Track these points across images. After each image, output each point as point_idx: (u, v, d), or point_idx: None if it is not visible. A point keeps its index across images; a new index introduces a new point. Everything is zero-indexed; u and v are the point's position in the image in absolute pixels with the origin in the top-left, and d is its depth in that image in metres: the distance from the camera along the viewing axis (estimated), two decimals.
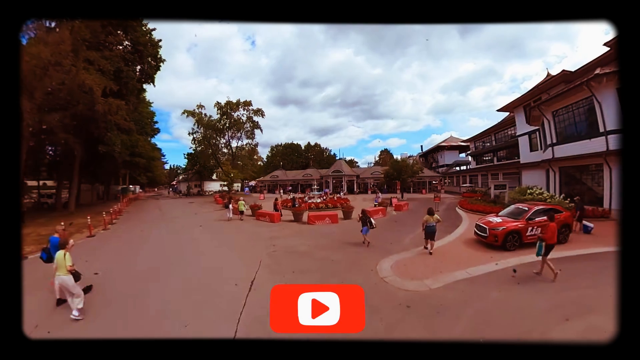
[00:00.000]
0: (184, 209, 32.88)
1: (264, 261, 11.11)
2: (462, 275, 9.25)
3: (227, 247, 13.97)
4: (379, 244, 13.41)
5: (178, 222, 22.05)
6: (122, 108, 28.45)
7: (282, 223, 19.85)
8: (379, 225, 17.55)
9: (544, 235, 8.64)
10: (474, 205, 23.68)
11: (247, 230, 18.20)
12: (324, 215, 19.01)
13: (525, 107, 36.59)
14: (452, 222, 19.05)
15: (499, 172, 39.38)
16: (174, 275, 9.75)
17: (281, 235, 15.85)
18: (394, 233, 15.90)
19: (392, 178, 40.14)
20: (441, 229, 15.35)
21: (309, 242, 13.89)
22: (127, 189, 58.36)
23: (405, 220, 19.58)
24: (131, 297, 7.88)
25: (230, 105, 50.72)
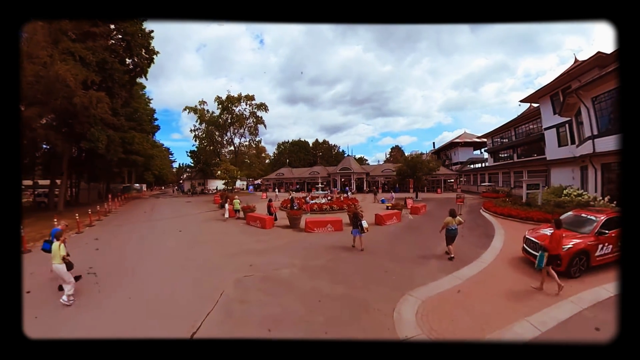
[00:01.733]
0: (178, 209, 29.80)
1: (227, 293, 7.57)
2: (527, 329, 5.74)
3: (192, 263, 10.32)
4: (395, 265, 9.58)
5: (159, 225, 18.90)
6: (103, 101, 25.09)
7: (275, 229, 16.20)
8: (394, 236, 13.81)
9: (548, 244, 7.33)
10: (503, 209, 19.58)
11: (230, 238, 14.63)
12: (325, 221, 15.27)
13: (553, 97, 32.38)
14: (483, 230, 15.08)
15: (523, 169, 35.02)
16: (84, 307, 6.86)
17: (267, 248, 12.16)
18: (413, 247, 11.97)
19: (405, 176, 35.71)
20: (472, 242, 12.63)
21: (299, 261, 10.12)
22: (130, 187, 55.88)
23: (425, 227, 15.64)
24: None
25: (231, 99, 47.15)
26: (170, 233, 16.04)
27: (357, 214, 11.66)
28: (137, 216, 24.09)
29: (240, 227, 17.53)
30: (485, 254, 10.86)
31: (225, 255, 11.40)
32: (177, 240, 14.30)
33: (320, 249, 11.64)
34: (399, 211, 18.75)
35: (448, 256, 10.21)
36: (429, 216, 19.57)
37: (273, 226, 16.60)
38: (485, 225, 16.67)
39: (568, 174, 27.53)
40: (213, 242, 13.78)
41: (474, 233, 14.41)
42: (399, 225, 16.81)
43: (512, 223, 16.99)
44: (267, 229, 16.11)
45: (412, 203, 22.71)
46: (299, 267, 9.59)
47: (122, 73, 31.18)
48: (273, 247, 12.30)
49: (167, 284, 8.34)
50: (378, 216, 16.74)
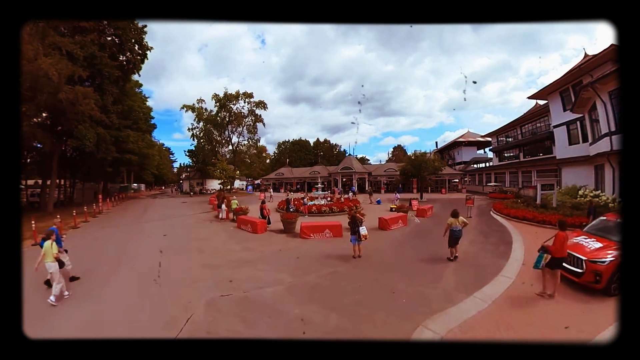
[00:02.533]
0: (171, 210, 28.21)
1: (194, 319, 6.08)
2: None
3: (167, 276, 8.56)
4: (403, 282, 7.88)
5: (146, 228, 17.40)
6: (89, 96, 23.49)
7: (267, 235, 14.49)
8: (400, 244, 12.07)
9: (550, 245, 6.88)
10: (516, 211, 17.80)
11: (216, 244, 12.96)
12: (323, 225, 13.54)
13: (562, 94, 30.57)
14: (499, 236, 13.39)
15: (532, 169, 33.16)
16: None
17: (254, 259, 10.49)
18: (423, 257, 10.28)
19: (409, 175, 33.78)
20: (490, 249, 11.05)
21: (288, 277, 8.45)
22: (128, 187, 54.47)
23: (434, 232, 13.86)
24: None
25: (228, 97, 45.43)
26: (155, 237, 14.50)
27: (355, 218, 10.03)
28: (127, 218, 22.60)
29: (230, 231, 15.87)
30: (507, 266, 9.14)
31: (206, 266, 9.78)
32: (161, 245, 12.66)
33: (315, 260, 9.94)
34: (404, 214, 16.97)
35: (450, 257, 9.59)
36: (436, 219, 17.81)
37: (265, 231, 14.90)
38: (500, 229, 14.94)
39: (581, 174, 25.79)
40: (197, 249, 12.13)
41: (489, 240, 12.69)
42: (405, 230, 15.16)
43: (528, 227, 15.28)
44: (258, 234, 14.41)
45: (417, 205, 20.99)
46: (286, 285, 7.90)
47: (112, 68, 29.62)
48: (261, 257, 10.62)
49: (132, 304, 6.94)
50: (382, 220, 14.98)
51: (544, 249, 6.98)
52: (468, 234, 13.29)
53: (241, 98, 46.13)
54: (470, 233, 13.60)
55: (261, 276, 8.59)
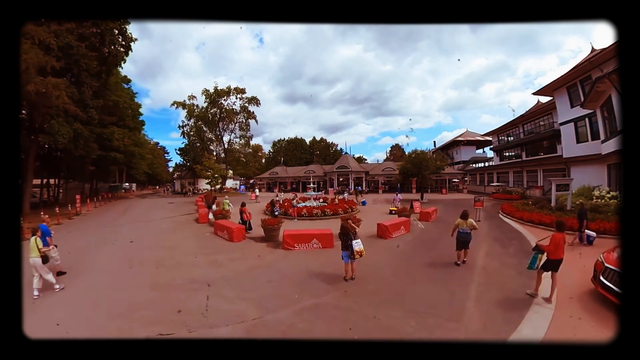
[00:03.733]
0: (153, 211, 25.67)
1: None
2: None
3: (109, 298, 6.75)
4: (411, 324, 5.57)
5: (117, 232, 15.28)
6: (61, 88, 21.06)
7: (245, 243, 12.15)
8: (404, 258, 9.70)
9: (544, 245, 6.51)
10: (531, 215, 15.57)
11: (182, 255, 10.58)
12: (310, 234, 11.08)
13: (570, 89, 28.52)
14: (518, 245, 11.23)
15: (538, 168, 31.01)
16: None
17: (218, 277, 8.22)
18: (433, 278, 8.01)
19: (409, 175, 31.20)
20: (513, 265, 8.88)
21: (253, 310, 6.20)
22: (118, 186, 52.08)
23: (443, 241, 11.58)
24: None
25: (219, 92, 42.93)
26: (120, 244, 12.38)
27: (346, 228, 7.71)
28: (104, 220, 20.40)
29: (204, 238, 13.55)
30: (540, 288, 6.89)
31: (158, 286, 7.59)
32: (119, 255, 10.73)
33: (295, 284, 7.63)
34: (406, 219, 14.52)
35: (458, 262, 8.84)
36: (442, 224, 15.47)
37: (243, 238, 12.59)
38: (516, 237, 12.71)
39: (591, 173, 23.78)
40: (158, 261, 9.86)
41: (508, 250, 10.47)
42: (407, 238, 12.76)
43: (546, 233, 13.03)
44: (234, 243, 12.11)
45: (420, 207, 18.69)
46: (248, 323, 5.63)
47: (90, 59, 27.15)
48: (228, 277, 8.30)
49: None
50: (381, 227, 12.59)
51: (538, 249, 6.67)
52: (482, 243, 11.13)
53: (233, 94, 43.62)
54: (484, 241, 11.43)
55: (219, 306, 6.35)
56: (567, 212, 15.17)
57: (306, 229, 12.13)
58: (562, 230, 6.65)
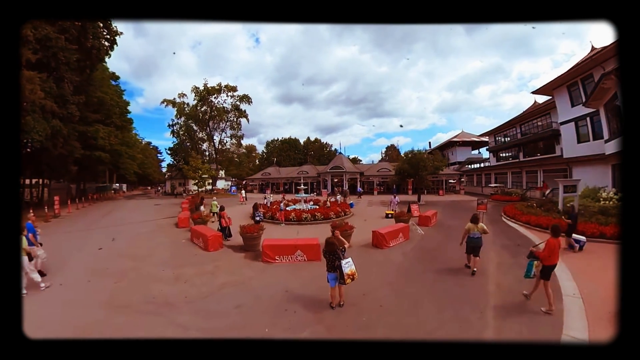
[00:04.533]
0: (135, 214, 23.90)
1: None
2: None
3: (41, 323, 4.56)
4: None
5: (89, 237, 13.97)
6: (34, 82, 19.37)
7: (221, 253, 10.63)
8: (403, 275, 8.09)
9: (539, 252, 6.27)
10: (537, 218, 14.17)
11: (148, 266, 9.15)
12: (293, 245, 9.43)
13: (570, 88, 27.34)
14: None
15: (538, 168, 29.76)
16: None
17: (180, 298, 6.76)
18: (442, 305, 6.48)
19: (405, 176, 29.17)
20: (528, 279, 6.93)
21: None
22: (107, 187, 50.14)
23: (447, 251, 10.16)
24: None
25: (208, 90, 41.16)
26: (88, 251, 10.99)
27: (332, 244, 6.07)
28: (82, 223, 18.78)
29: (179, 245, 11.99)
30: (568, 313, 5.75)
31: (112, 305, 6.47)
32: (82, 265, 9.35)
33: (269, 309, 6.12)
34: (405, 225, 12.77)
35: (470, 270, 8.20)
36: (443, 229, 14.00)
37: (221, 247, 11.03)
38: (526, 243, 11.21)
39: (595, 174, 22.60)
40: (121, 273, 8.50)
41: (520, 261, 8.88)
42: (406, 247, 11.08)
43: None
44: (210, 252, 10.58)
45: (418, 210, 17.17)
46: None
47: (71, 53, 25.42)
48: (192, 297, 6.84)
49: None
50: (377, 235, 10.87)
51: (533, 256, 6.44)
52: (490, 251, 9.74)
53: (223, 91, 41.90)
54: (491, 249, 10.02)
55: None
56: (576, 216, 13.76)
57: (289, 239, 10.52)
58: (557, 235, 6.35)
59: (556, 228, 6.48)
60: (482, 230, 8.20)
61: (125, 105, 42.33)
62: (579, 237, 10.34)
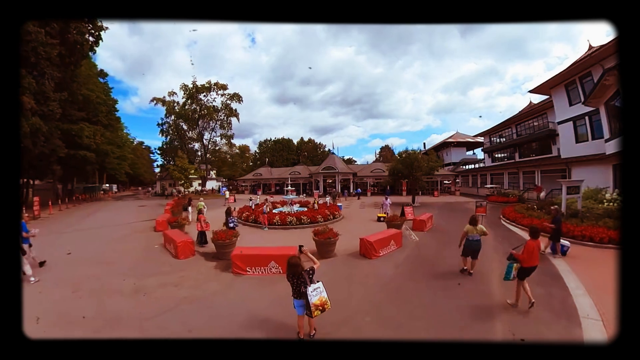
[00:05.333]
0: (117, 216, 22.62)
1: None
2: None
3: None
4: None
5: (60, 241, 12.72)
6: None
7: (191, 261, 9.44)
8: (393, 295, 6.61)
9: (519, 254, 6.04)
10: (541, 222, 13.00)
11: (109, 276, 8.04)
12: (267, 255, 8.11)
13: (568, 87, 26.41)
14: (540, 265, 8.50)
15: (535, 169, 28.74)
16: None
17: (131, 316, 5.71)
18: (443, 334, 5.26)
19: (399, 176, 27.52)
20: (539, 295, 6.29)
21: None
22: (96, 187, 48.57)
23: (447, 262, 8.95)
24: None
25: (197, 88, 39.69)
26: (55, 256, 9.81)
27: (296, 266, 4.79)
28: (60, 225, 17.63)
29: (150, 252, 10.81)
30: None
31: (56, 322, 5.54)
32: (43, 272, 8.37)
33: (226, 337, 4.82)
34: (397, 231, 11.17)
35: (466, 271, 7.88)
36: (439, 234, 12.78)
37: (192, 254, 9.82)
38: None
39: (595, 174, 21.63)
40: (80, 283, 7.54)
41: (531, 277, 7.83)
42: (398, 257, 9.59)
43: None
44: (180, 260, 9.40)
45: (412, 213, 15.90)
46: None
47: (51, 47, 23.99)
48: (145, 315, 5.74)
49: None
50: (365, 243, 9.45)
51: (513, 258, 6.12)
52: (492, 262, 8.61)
53: (213, 89, 40.43)
54: (493, 259, 8.90)
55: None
56: (583, 219, 12.65)
57: (263, 247, 9.25)
58: (536, 237, 6.16)
59: (535, 229, 6.25)
60: (481, 232, 7.75)
61: (113, 103, 40.89)
62: (562, 242, 9.62)
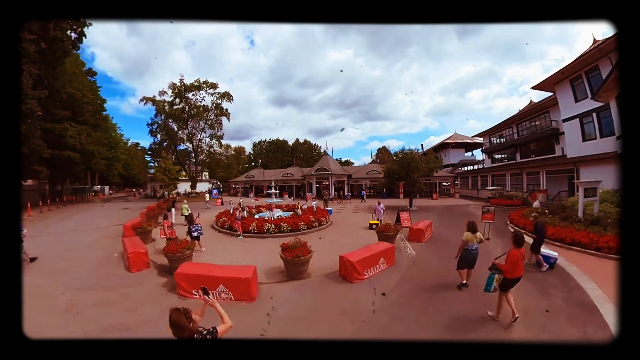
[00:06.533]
0: (95, 218, 21.15)
1: None
2: None
3: None
4: None
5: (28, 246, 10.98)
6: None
7: (142, 275, 8.13)
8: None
9: (501, 264, 5.45)
10: (556, 229, 11.26)
11: (52, 287, 7.16)
12: (216, 277, 6.30)
13: (573, 82, 24.60)
14: (563, 287, 6.99)
15: (540, 170, 26.89)
16: None
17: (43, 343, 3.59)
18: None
19: (395, 178, 24.91)
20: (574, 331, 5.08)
21: None
22: (85, 189, 46.61)
23: (446, 284, 7.12)
24: None
25: (186, 87, 37.84)
26: None
27: (181, 329, 2.29)
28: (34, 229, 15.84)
29: (106, 260, 9.78)
30: None
31: None
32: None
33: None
34: (389, 246, 8.88)
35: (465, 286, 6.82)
36: (440, 246, 10.83)
37: (146, 267, 8.49)
38: (553, 271, 8.24)
39: (606, 174, 19.72)
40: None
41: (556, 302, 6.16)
42: (389, 278, 7.59)
43: (588, 259, 8.95)
44: (131, 272, 8.15)
45: (409, 219, 13.93)
46: None
47: (29, 43, 22.28)
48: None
49: None
50: (345, 263, 7.40)
51: (495, 268, 5.51)
52: (518, 297, 6.68)
53: (202, 88, 38.55)
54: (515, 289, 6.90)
55: None
56: (606, 227, 10.77)
57: (214, 266, 7.44)
58: (520, 245, 5.52)
59: (519, 238, 5.61)
60: (479, 240, 6.92)
61: (101, 102, 39.08)
62: (549, 252, 8.34)
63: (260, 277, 7.24)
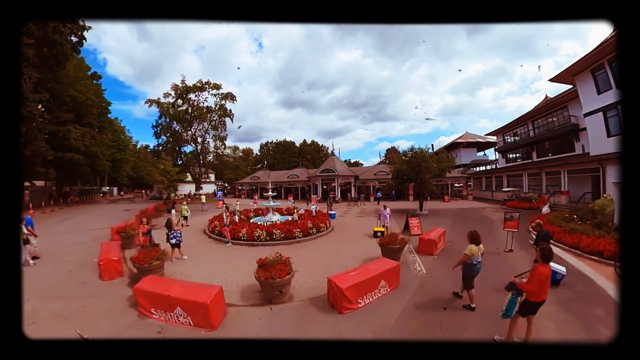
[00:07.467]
0: (93, 220, 20.60)
1: None
2: None
3: None
4: None
5: None
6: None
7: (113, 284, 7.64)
8: None
9: (524, 284, 4.44)
10: (589, 240, 9.76)
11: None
12: (173, 299, 5.17)
13: (595, 72, 22.47)
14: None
15: (561, 169, 24.99)
16: None
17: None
18: None
19: (405, 179, 23.20)
20: None
21: None
22: (92, 190, 46.57)
23: (465, 325, 5.73)
24: None
25: (188, 88, 37.14)
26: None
27: None
28: None
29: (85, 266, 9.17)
30: None
31: None
32: None
33: None
34: (393, 264, 7.32)
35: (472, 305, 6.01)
36: (455, 260, 9.48)
37: (119, 275, 7.97)
38: (596, 296, 6.73)
39: None
40: None
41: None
42: (390, 308, 6.08)
43: None
44: (103, 281, 7.79)
45: (419, 226, 12.25)
46: None
47: (28, 47, 21.87)
48: None
49: None
50: (334, 290, 5.89)
51: (515, 289, 4.46)
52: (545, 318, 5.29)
53: (205, 89, 37.80)
54: (546, 316, 5.35)
55: None
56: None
57: (175, 282, 6.38)
58: (548, 261, 4.52)
59: (547, 251, 4.58)
60: (483, 252, 6.34)
61: (106, 105, 38.78)
62: (557, 267, 7.11)
63: (234, 297, 6.24)
